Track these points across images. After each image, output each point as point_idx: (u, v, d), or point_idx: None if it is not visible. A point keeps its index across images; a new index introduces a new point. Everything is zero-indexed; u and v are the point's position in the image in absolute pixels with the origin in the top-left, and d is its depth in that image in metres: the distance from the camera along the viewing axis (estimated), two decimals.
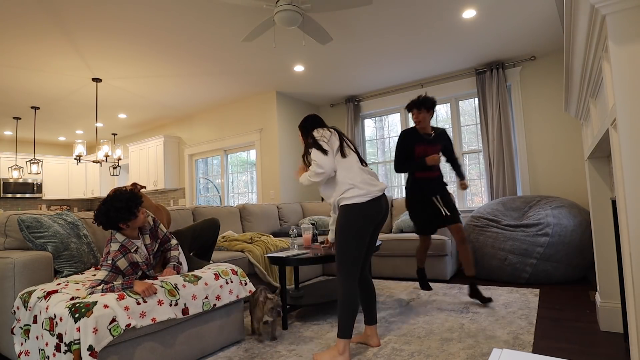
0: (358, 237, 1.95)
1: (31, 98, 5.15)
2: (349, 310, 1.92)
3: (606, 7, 1.08)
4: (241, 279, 2.31)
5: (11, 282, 1.97)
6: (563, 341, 2.10)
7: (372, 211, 1.98)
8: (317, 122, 2.26)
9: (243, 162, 6.28)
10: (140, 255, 1.99)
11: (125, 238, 1.95)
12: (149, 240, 2.07)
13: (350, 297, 1.93)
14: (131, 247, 1.95)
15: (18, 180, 7.36)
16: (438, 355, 1.97)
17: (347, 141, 2.16)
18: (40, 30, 3.38)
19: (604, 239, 2.20)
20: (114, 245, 1.92)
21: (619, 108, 1.09)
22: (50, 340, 1.62)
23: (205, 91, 5.30)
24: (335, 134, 2.14)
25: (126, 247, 1.94)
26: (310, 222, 4.60)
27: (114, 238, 1.94)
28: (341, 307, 1.93)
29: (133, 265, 1.96)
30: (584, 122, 2.35)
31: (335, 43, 3.92)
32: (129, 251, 1.95)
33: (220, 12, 3.24)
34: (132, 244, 1.96)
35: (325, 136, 2.09)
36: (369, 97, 5.63)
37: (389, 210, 2.14)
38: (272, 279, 3.36)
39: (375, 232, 2.12)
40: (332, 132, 2.14)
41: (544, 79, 4.41)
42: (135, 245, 1.98)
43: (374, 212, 1.99)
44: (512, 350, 0.65)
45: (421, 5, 3.26)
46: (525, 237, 3.43)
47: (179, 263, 2.16)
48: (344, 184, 2.01)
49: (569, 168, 4.25)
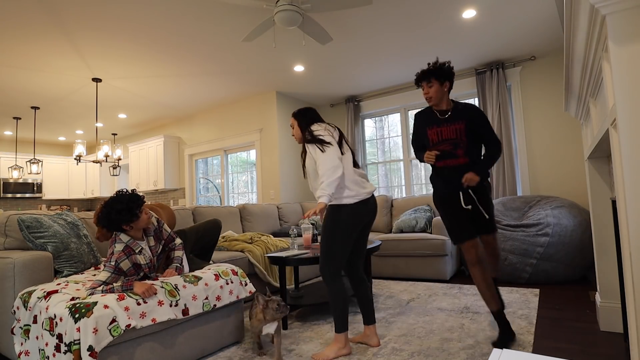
0: (344, 236, 2.00)
1: (31, 98, 5.15)
2: (341, 305, 2.00)
3: (606, 7, 1.08)
4: (241, 279, 2.31)
5: (11, 282, 1.97)
6: (563, 341, 2.10)
7: (360, 213, 2.03)
8: (317, 117, 2.26)
9: (243, 162, 6.28)
10: (144, 257, 1.99)
11: (129, 239, 1.95)
12: (153, 242, 2.07)
13: (340, 293, 2.00)
14: (135, 248, 1.95)
15: (18, 180, 7.36)
16: (438, 355, 1.97)
17: (345, 140, 2.18)
18: (41, 30, 3.38)
19: (604, 239, 2.20)
20: (118, 246, 1.91)
21: (619, 108, 1.09)
22: (50, 340, 1.62)
23: (205, 91, 5.30)
24: (336, 130, 2.16)
25: (130, 247, 1.94)
26: (310, 222, 4.60)
27: (118, 239, 1.93)
28: (333, 304, 2.01)
29: (136, 266, 1.96)
30: (584, 122, 2.35)
31: (335, 43, 3.92)
32: (133, 252, 1.94)
33: (221, 12, 3.24)
34: (136, 245, 1.96)
35: (330, 130, 2.11)
36: (369, 97, 5.63)
37: (376, 211, 2.16)
38: (272, 279, 3.36)
39: (363, 233, 2.16)
40: (334, 128, 2.16)
41: (544, 79, 4.41)
42: (140, 246, 1.98)
43: (362, 213, 2.04)
44: (512, 350, 0.65)
45: (421, 5, 3.25)
46: (525, 237, 3.43)
47: (181, 265, 2.16)
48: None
49: (569, 168, 4.25)
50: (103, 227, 1.91)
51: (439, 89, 2.27)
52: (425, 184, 5.37)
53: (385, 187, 5.69)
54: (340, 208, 2.00)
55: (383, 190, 5.69)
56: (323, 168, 1.95)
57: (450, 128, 2.27)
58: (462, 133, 2.23)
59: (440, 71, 2.26)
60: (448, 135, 2.27)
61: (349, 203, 2.00)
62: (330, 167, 1.94)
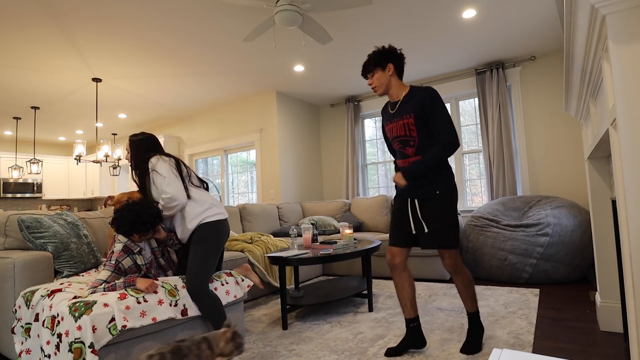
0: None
1: (31, 98, 5.15)
2: (220, 309, 2.00)
3: (606, 7, 1.08)
4: (236, 277, 2.31)
5: (11, 282, 1.97)
6: (563, 341, 2.10)
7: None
8: (157, 146, 2.25)
9: (243, 162, 6.28)
10: (142, 257, 2.00)
11: (127, 239, 1.97)
12: (155, 243, 2.10)
13: (216, 298, 2.02)
14: (134, 249, 1.97)
15: (18, 180, 7.35)
16: (438, 355, 1.97)
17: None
18: (41, 30, 3.38)
19: (604, 239, 2.20)
20: (118, 246, 1.94)
21: (619, 108, 1.09)
22: (51, 338, 1.62)
23: (205, 91, 5.30)
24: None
25: (129, 247, 1.96)
26: (310, 222, 4.60)
27: (117, 239, 1.96)
28: (214, 310, 1.98)
29: (135, 265, 1.98)
30: (584, 122, 2.35)
31: (335, 43, 3.92)
32: (132, 252, 1.96)
33: (221, 12, 3.24)
34: (134, 246, 1.98)
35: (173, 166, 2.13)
36: (369, 97, 5.63)
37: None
38: (272, 279, 3.36)
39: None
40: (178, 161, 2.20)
41: (544, 79, 4.41)
42: (138, 247, 2.00)
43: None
44: (512, 350, 0.65)
45: (421, 5, 3.26)
46: (525, 237, 3.43)
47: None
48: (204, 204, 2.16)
49: (569, 168, 4.25)
50: (117, 228, 1.91)
51: (382, 75, 2.03)
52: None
53: (385, 187, 5.69)
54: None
55: (383, 190, 5.69)
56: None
57: (399, 124, 2.01)
58: (411, 128, 1.97)
59: (379, 56, 2.02)
60: (398, 132, 2.03)
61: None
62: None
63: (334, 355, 2.04)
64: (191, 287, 1.95)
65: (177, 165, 2.11)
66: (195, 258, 2.00)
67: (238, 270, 2.50)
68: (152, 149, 2.18)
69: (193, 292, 1.94)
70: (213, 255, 2.05)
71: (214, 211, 2.11)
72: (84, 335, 1.54)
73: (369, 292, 2.86)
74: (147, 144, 2.19)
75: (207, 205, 2.11)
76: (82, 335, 1.54)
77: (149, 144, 2.20)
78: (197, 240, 2.04)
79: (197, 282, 1.96)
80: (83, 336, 1.54)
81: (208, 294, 1.98)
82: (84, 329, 1.54)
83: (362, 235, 4.29)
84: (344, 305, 3.01)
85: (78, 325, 1.54)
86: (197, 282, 1.96)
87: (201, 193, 2.15)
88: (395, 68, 2.02)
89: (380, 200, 4.68)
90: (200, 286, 1.96)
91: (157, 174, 2.05)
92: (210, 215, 2.09)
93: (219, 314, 1.99)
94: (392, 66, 2.01)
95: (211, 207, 2.12)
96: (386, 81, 2.03)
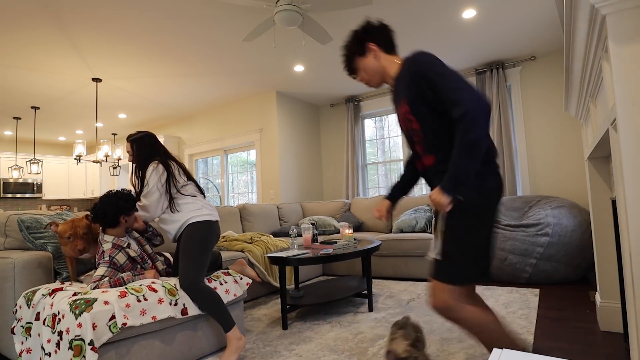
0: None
1: (31, 98, 5.15)
2: (220, 304, 2.01)
3: (606, 7, 1.08)
4: (234, 276, 2.31)
5: (11, 282, 1.97)
6: (563, 341, 2.10)
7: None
8: (157, 143, 2.28)
9: (243, 162, 6.28)
10: (134, 250, 2.04)
11: (113, 237, 1.99)
12: (137, 233, 2.17)
13: (212, 292, 2.02)
14: (122, 244, 2.00)
15: (18, 180, 7.35)
16: (438, 355, 1.97)
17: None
18: (41, 30, 3.38)
19: (604, 239, 2.20)
20: (106, 245, 1.96)
21: (619, 108, 1.09)
22: (51, 336, 1.63)
23: (205, 91, 5.30)
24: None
25: (117, 244, 1.98)
26: (310, 222, 4.60)
27: (103, 241, 1.97)
28: (214, 305, 1.99)
29: (130, 259, 2.01)
30: (584, 122, 2.35)
31: (335, 43, 3.92)
32: (122, 247, 1.99)
33: (221, 12, 3.24)
34: (121, 242, 2.01)
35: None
36: (369, 97, 5.63)
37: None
38: (272, 279, 3.36)
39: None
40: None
41: (544, 79, 4.41)
42: (126, 241, 2.03)
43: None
44: (512, 350, 0.65)
45: (421, 6, 3.26)
46: (525, 237, 3.43)
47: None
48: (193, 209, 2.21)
49: (569, 168, 4.25)
50: (100, 218, 1.93)
51: (366, 62, 1.55)
52: (425, 184, 5.36)
53: (386, 187, 5.69)
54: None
55: (383, 190, 5.69)
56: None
57: (399, 116, 1.51)
58: (410, 119, 1.44)
59: (353, 43, 1.56)
60: (401, 125, 1.54)
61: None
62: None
63: (334, 355, 2.05)
64: (183, 282, 1.96)
65: (168, 180, 2.12)
66: (184, 254, 2.03)
67: (233, 266, 2.51)
68: (154, 146, 2.23)
69: (186, 287, 1.96)
70: (202, 252, 2.06)
71: (203, 212, 2.14)
72: (84, 333, 1.54)
73: (369, 292, 2.86)
74: (147, 141, 2.23)
75: (198, 206, 2.15)
76: (83, 333, 1.54)
77: (149, 140, 2.24)
78: (185, 237, 2.08)
79: (189, 277, 1.97)
80: (83, 333, 1.54)
81: (202, 289, 1.98)
82: (84, 327, 1.54)
83: (362, 235, 4.29)
84: (344, 305, 3.01)
85: (78, 323, 1.55)
86: (188, 277, 1.97)
87: (196, 201, 2.18)
88: (379, 44, 1.52)
89: (380, 201, 4.68)
90: (192, 281, 1.97)
91: (147, 180, 2.12)
92: (198, 216, 2.12)
93: (221, 310, 1.99)
94: (374, 45, 1.52)
95: (201, 209, 2.15)
96: (375, 66, 1.54)
